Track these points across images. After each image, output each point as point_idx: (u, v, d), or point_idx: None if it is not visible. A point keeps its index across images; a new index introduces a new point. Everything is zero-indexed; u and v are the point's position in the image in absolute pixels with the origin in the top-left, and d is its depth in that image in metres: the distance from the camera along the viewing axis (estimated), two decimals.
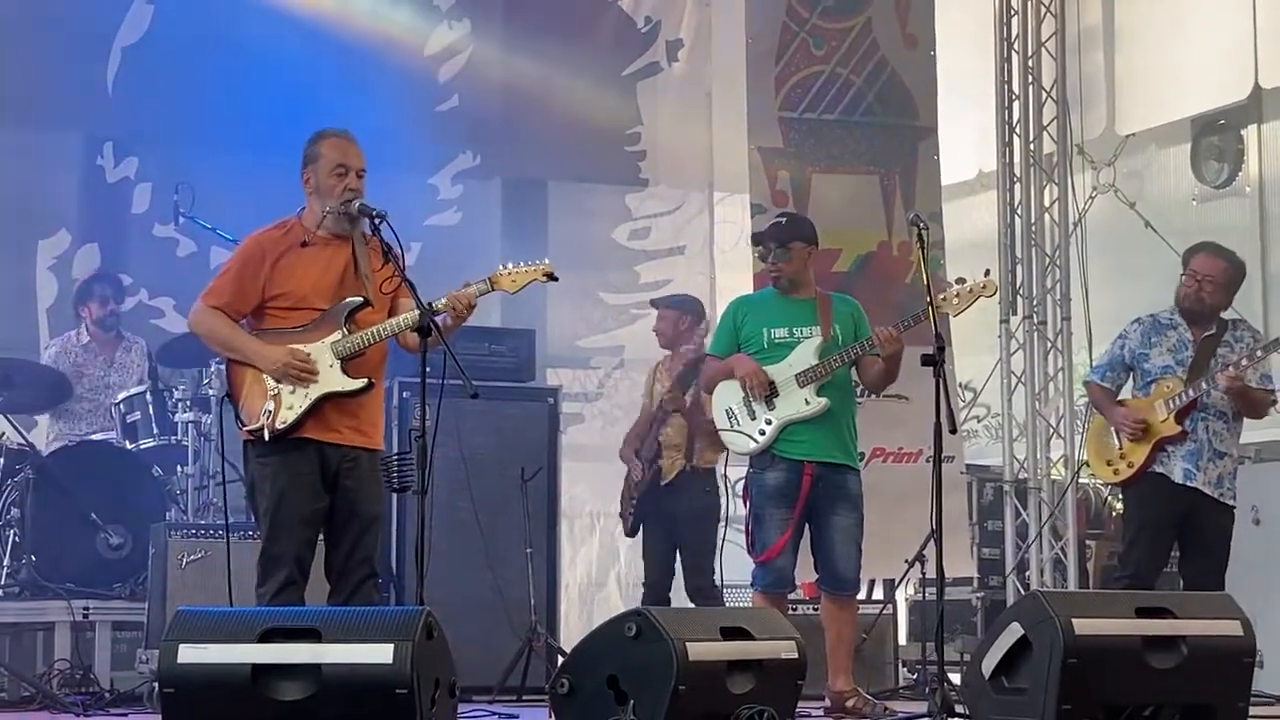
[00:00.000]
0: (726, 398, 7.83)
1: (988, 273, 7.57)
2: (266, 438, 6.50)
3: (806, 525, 7.78)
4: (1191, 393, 8.03)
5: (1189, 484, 8.06)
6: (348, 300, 6.56)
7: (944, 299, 7.56)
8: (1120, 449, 8.19)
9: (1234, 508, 8.18)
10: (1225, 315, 8.27)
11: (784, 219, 8.19)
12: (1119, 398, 8.33)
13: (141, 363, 9.98)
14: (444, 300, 6.45)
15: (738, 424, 7.77)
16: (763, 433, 7.72)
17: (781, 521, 7.68)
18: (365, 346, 6.52)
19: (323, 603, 6.53)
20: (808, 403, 7.71)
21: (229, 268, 6.75)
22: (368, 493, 6.60)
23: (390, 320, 6.52)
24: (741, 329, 7.89)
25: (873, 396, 8.40)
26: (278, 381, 6.50)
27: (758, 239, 8.15)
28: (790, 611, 8.43)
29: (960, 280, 7.64)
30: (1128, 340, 8.31)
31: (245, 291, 6.61)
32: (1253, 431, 9.08)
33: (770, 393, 7.71)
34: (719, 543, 9.19)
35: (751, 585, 7.85)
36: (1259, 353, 8.07)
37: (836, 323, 7.82)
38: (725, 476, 9.17)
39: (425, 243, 10.34)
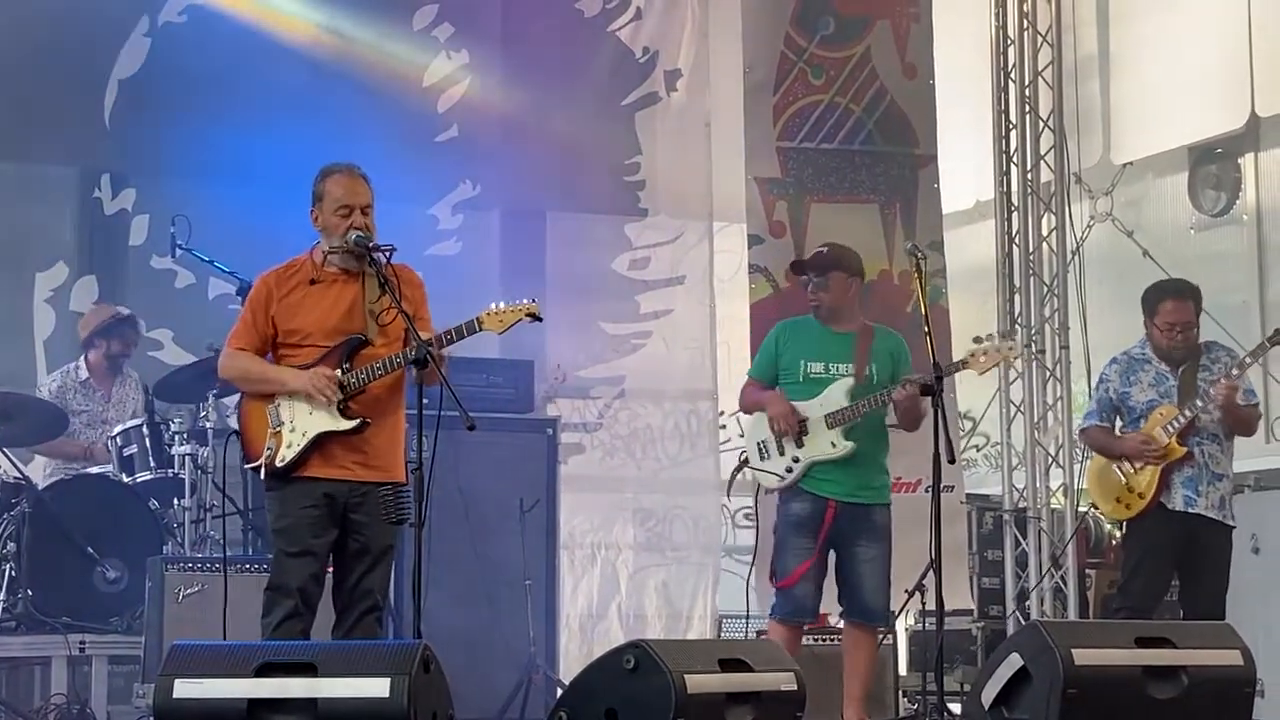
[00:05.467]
0: (759, 431, 7.87)
1: (1009, 333, 7.56)
2: (263, 476, 6.57)
3: (831, 559, 7.77)
4: (1189, 413, 8.07)
5: (1190, 510, 8.07)
6: (348, 339, 6.57)
7: (970, 358, 7.58)
8: (1126, 484, 8.18)
9: (1234, 529, 8.19)
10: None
11: (826, 249, 8.11)
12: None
13: (138, 397, 9.96)
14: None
15: (768, 459, 7.80)
16: (789, 470, 7.75)
17: (803, 550, 7.70)
18: (362, 385, 6.52)
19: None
20: (834, 445, 7.72)
21: (244, 311, 6.84)
22: (378, 526, 6.59)
23: (384, 357, 6.52)
24: (781, 356, 7.90)
25: None
26: (309, 399, 6.50)
27: (798, 267, 8.08)
28: (810, 641, 8.39)
29: (989, 337, 7.65)
30: (1110, 383, 8.37)
31: (258, 332, 6.70)
32: (1252, 460, 9.07)
33: (801, 430, 7.70)
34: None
35: (770, 614, 7.87)
36: (1247, 359, 8.14)
37: (874, 361, 7.81)
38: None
39: (426, 273, 10.22)
